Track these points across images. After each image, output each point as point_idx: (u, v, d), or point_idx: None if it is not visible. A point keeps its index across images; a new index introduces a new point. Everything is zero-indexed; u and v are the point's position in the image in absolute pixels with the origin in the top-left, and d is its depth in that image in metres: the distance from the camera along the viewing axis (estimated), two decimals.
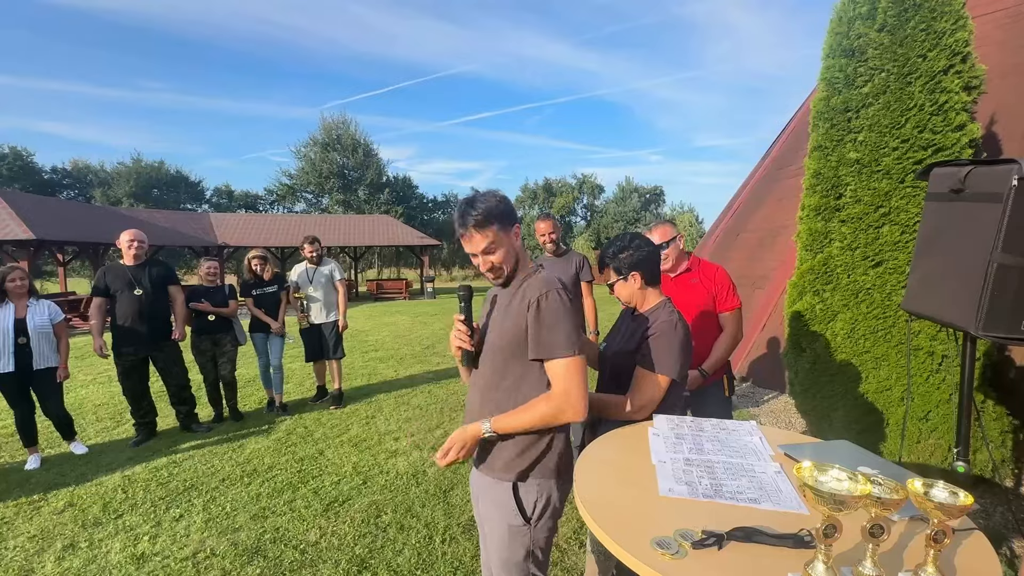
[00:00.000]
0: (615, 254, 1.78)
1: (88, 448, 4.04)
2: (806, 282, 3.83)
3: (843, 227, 3.56)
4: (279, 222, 21.45)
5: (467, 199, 1.47)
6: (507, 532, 1.42)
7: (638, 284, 1.77)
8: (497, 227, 1.43)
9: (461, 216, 1.43)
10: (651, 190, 42.80)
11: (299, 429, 4.36)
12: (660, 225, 2.68)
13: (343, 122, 35.33)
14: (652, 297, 1.80)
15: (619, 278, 1.79)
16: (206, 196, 36.86)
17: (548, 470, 1.43)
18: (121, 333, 4.05)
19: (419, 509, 2.96)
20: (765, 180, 8.76)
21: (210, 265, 4.69)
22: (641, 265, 1.75)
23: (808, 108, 9.55)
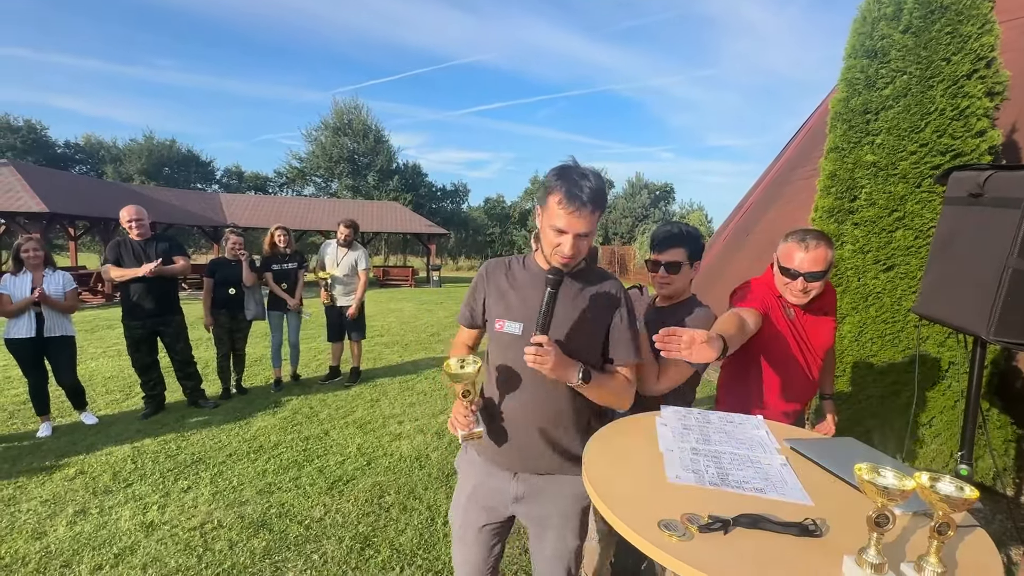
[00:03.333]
0: (688, 237, 1.73)
1: (98, 419, 4.11)
2: None
3: (856, 230, 3.54)
4: (289, 204, 21.53)
5: (585, 172, 1.26)
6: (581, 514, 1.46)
7: (696, 274, 1.78)
8: (600, 212, 1.29)
9: (587, 191, 1.22)
10: (661, 187, 42.52)
11: (305, 409, 4.42)
12: (819, 242, 1.74)
13: (355, 107, 35.26)
14: (688, 290, 1.82)
15: (687, 263, 1.74)
16: (216, 176, 36.99)
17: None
18: (129, 307, 4.11)
19: (422, 492, 3.01)
20: (777, 181, 8.69)
21: (236, 240, 4.74)
22: (701, 257, 1.77)
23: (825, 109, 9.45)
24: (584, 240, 1.28)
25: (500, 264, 1.50)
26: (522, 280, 1.44)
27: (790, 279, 1.76)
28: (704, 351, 1.28)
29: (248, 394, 4.87)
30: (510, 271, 1.47)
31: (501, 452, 1.42)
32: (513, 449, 1.40)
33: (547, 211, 1.29)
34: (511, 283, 1.44)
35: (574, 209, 1.23)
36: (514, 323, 1.37)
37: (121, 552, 2.36)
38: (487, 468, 1.46)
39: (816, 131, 8.98)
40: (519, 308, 1.38)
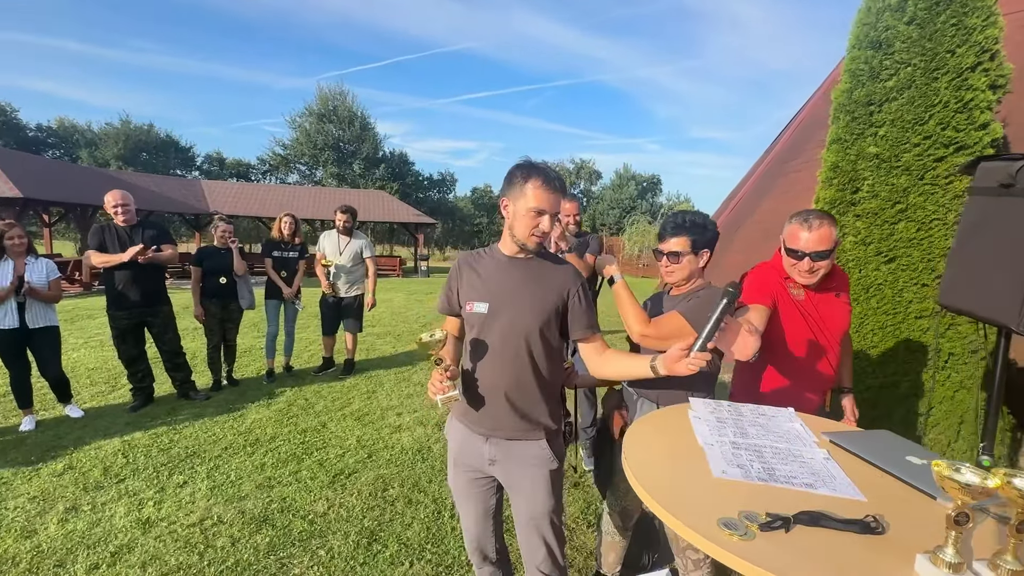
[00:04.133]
0: (694, 226, 1.74)
1: (84, 412, 3.97)
2: None
3: (858, 222, 3.56)
4: (273, 192, 21.08)
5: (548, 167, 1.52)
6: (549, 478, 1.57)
7: (704, 263, 1.75)
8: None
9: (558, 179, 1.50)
10: (648, 178, 42.70)
11: (300, 401, 4.33)
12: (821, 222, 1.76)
13: (340, 93, 34.55)
14: (699, 280, 1.80)
15: (691, 252, 1.74)
16: (196, 163, 36.01)
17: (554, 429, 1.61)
18: (115, 296, 3.95)
19: (426, 484, 2.96)
20: (769, 174, 8.74)
21: (226, 227, 4.59)
22: (711, 245, 1.74)
23: (816, 102, 9.52)
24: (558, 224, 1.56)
25: (470, 255, 1.69)
26: (489, 266, 1.61)
27: (796, 260, 1.78)
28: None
29: (239, 386, 4.76)
30: (479, 260, 1.65)
31: (475, 418, 1.59)
32: (485, 415, 1.57)
33: (523, 197, 1.47)
34: (479, 270, 1.61)
35: (552, 191, 1.47)
36: (481, 303, 1.55)
37: (118, 550, 2.27)
38: (465, 432, 1.63)
39: (807, 124, 9.04)
40: (484, 290, 1.57)
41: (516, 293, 1.53)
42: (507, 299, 1.53)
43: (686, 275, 1.78)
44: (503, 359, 1.53)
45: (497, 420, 1.56)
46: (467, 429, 1.63)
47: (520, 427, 1.56)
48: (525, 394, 1.54)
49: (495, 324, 1.52)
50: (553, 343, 1.56)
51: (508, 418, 1.55)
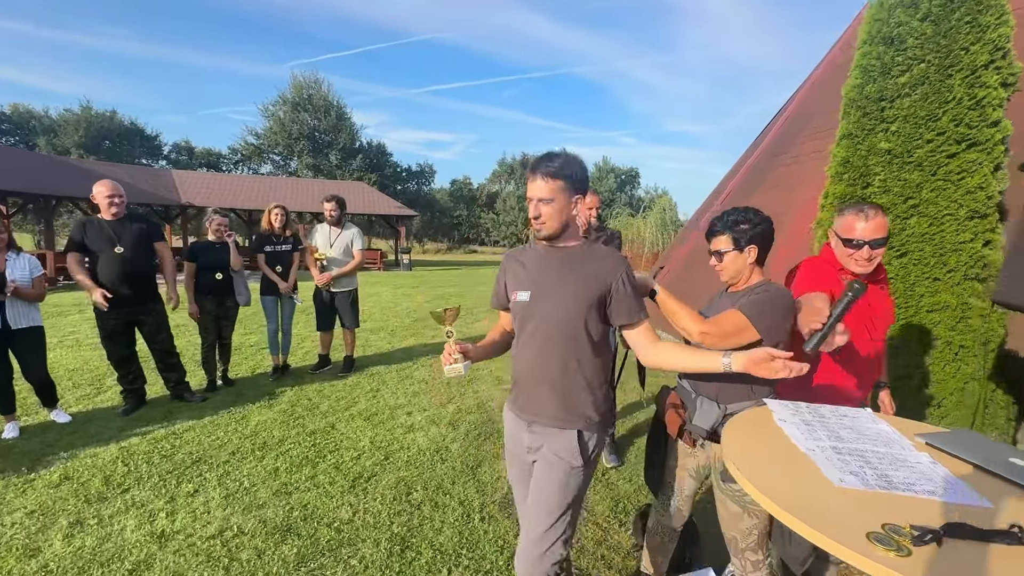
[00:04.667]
0: (736, 223, 1.71)
1: (71, 417, 3.74)
2: None
3: None
4: (248, 183, 20.40)
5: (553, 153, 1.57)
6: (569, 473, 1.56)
7: (751, 259, 1.71)
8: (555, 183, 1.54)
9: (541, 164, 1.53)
10: (627, 171, 43.03)
11: (303, 401, 4.18)
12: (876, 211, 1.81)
13: (315, 81, 33.67)
14: (756, 275, 1.75)
15: (734, 248, 1.71)
16: (164, 152, 34.59)
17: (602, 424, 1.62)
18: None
19: (449, 486, 2.88)
20: (758, 167, 8.86)
21: (221, 220, 4.38)
22: (759, 240, 1.69)
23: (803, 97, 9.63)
24: (547, 206, 1.51)
25: (515, 251, 1.77)
26: (531, 257, 1.66)
27: (855, 249, 1.82)
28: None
29: (235, 385, 4.57)
30: (524, 253, 1.71)
31: (521, 404, 1.65)
32: (529, 401, 1.62)
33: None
34: (524, 261, 1.68)
35: (529, 177, 1.55)
36: (524, 292, 1.60)
37: (135, 567, 2.13)
38: (513, 419, 1.70)
39: (795, 118, 9.18)
40: (527, 280, 1.62)
41: (557, 281, 1.56)
42: (548, 287, 1.57)
43: (734, 272, 1.76)
44: (544, 345, 1.57)
45: (539, 407, 1.60)
46: (514, 416, 1.69)
47: (559, 416, 1.57)
48: (566, 381, 1.56)
49: (537, 311, 1.57)
50: (594, 331, 1.55)
51: (549, 405, 1.58)
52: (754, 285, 1.74)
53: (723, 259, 1.76)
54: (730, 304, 1.75)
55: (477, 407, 4.13)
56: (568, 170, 1.53)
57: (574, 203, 1.56)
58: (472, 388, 4.62)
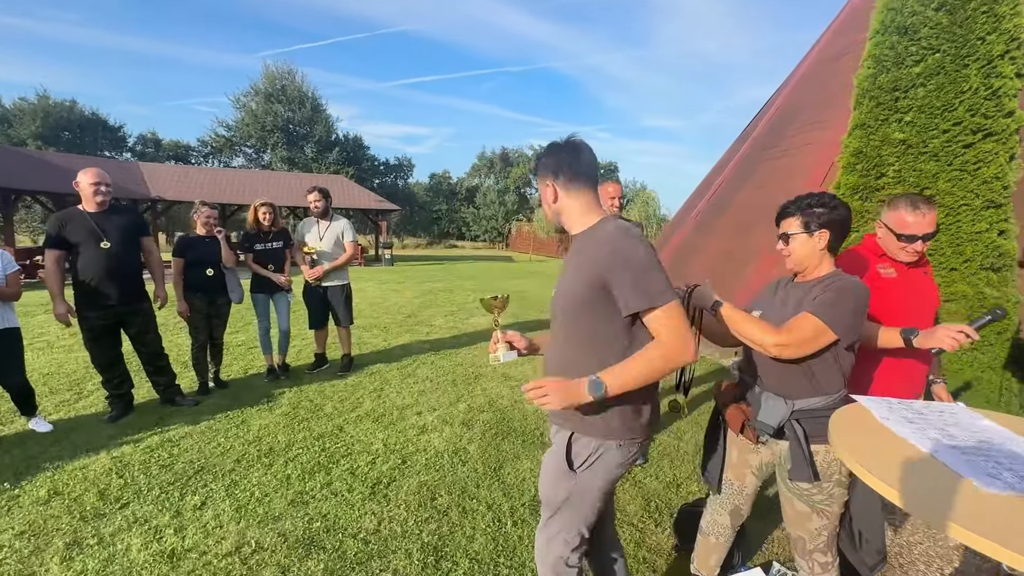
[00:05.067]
0: (809, 205, 1.61)
1: (52, 425, 3.46)
2: None
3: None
4: (222, 177, 19.63)
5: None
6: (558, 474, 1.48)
7: (822, 245, 1.61)
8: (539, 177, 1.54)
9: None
10: (605, 165, 43.17)
11: (305, 403, 3.97)
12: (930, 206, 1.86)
13: (288, 72, 32.68)
14: (826, 265, 1.66)
15: (803, 232, 1.62)
16: (129, 143, 33.06)
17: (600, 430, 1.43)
18: (85, 293, 3.43)
19: (474, 490, 2.75)
20: (748, 161, 8.92)
21: (210, 212, 4.11)
22: (833, 226, 1.60)
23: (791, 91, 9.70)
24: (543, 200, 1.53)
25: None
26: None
27: (907, 242, 1.87)
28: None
29: (229, 387, 4.33)
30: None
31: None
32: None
33: None
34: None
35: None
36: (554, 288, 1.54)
37: None
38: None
39: (784, 111, 9.26)
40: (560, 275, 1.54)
41: (565, 272, 1.50)
42: (561, 279, 1.51)
43: (801, 258, 1.67)
44: (554, 338, 1.54)
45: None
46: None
47: (555, 413, 1.50)
48: (565, 377, 1.38)
49: (552, 304, 1.53)
50: (592, 322, 1.38)
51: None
52: (824, 276, 1.66)
53: (790, 242, 1.67)
54: (799, 297, 1.66)
55: (488, 405, 4.00)
56: (540, 158, 1.50)
57: (548, 187, 1.48)
58: (480, 386, 4.49)
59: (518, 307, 8.99)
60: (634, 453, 1.46)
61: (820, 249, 1.64)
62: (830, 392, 1.59)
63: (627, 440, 1.43)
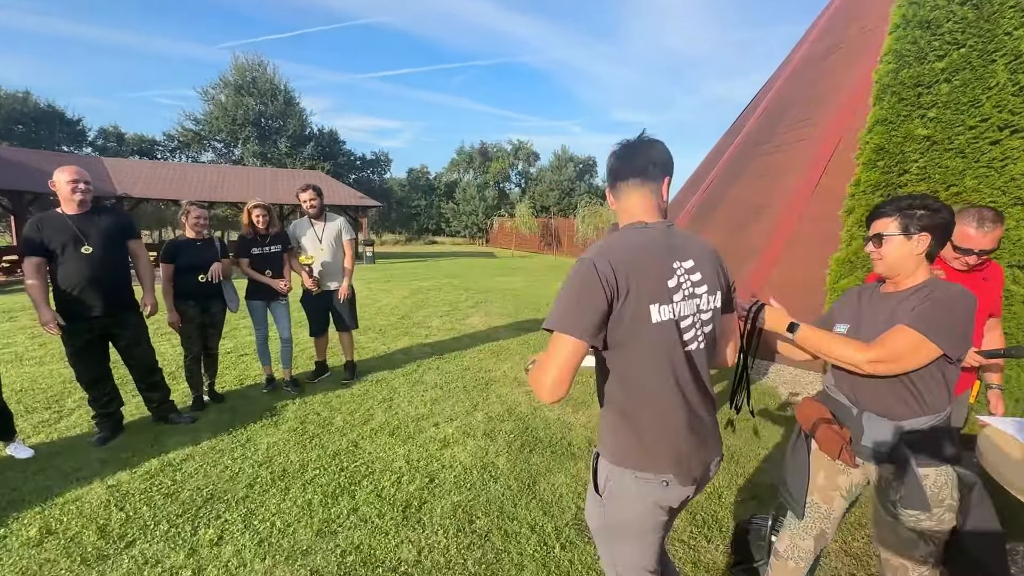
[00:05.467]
0: (909, 207, 1.49)
1: (32, 450, 3.15)
2: (859, 259, 3.84)
3: None
4: (193, 172, 18.80)
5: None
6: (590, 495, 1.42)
7: (920, 249, 1.49)
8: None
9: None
10: (585, 160, 43.23)
11: (312, 416, 3.73)
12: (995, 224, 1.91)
13: (259, 64, 31.51)
14: (923, 272, 1.54)
15: (901, 234, 1.50)
16: (89, 138, 31.42)
17: (608, 451, 1.33)
18: (68, 304, 3.12)
19: (512, 509, 2.59)
20: (740, 156, 8.93)
21: (200, 213, 3.80)
22: (935, 230, 1.47)
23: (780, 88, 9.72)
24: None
25: None
26: None
27: (963, 255, 1.96)
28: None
29: (225, 401, 4.05)
30: None
31: None
32: None
33: None
34: None
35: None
36: None
37: None
38: None
39: (774, 108, 9.29)
40: None
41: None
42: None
43: (893, 262, 1.54)
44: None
45: None
46: None
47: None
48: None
49: None
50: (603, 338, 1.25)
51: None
52: (920, 285, 1.54)
53: (883, 244, 1.54)
54: (891, 307, 1.55)
55: (508, 413, 3.83)
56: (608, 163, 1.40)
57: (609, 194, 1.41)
58: (493, 392, 4.31)
59: (512, 306, 8.83)
60: (659, 494, 1.28)
61: (917, 254, 1.53)
62: (937, 410, 1.48)
63: (642, 472, 1.27)
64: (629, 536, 1.35)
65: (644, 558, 1.37)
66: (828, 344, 1.54)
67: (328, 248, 4.25)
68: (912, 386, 1.48)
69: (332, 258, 4.29)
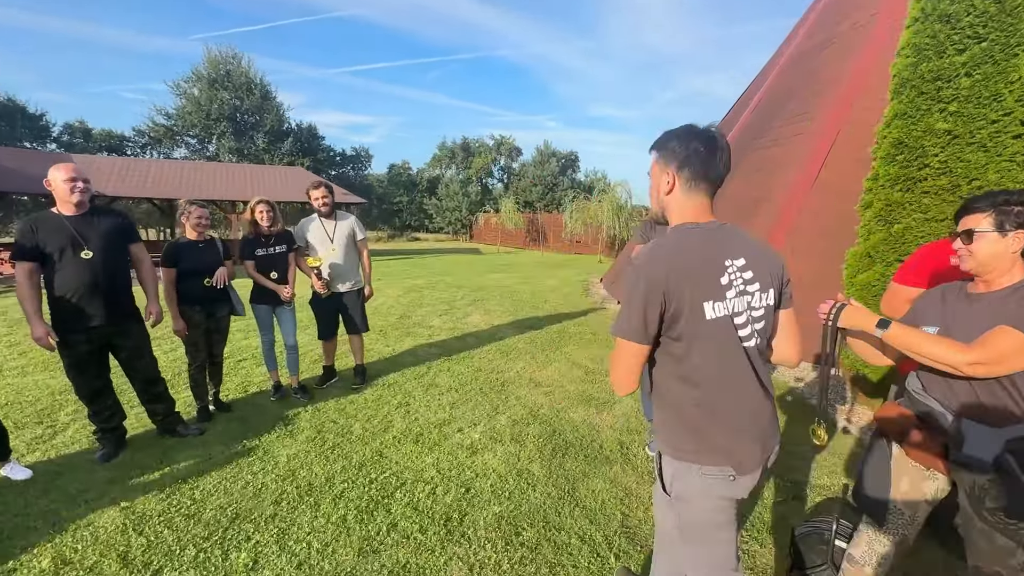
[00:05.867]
0: (1005, 203, 1.44)
1: (30, 471, 2.93)
2: (878, 253, 3.85)
3: (925, 198, 3.58)
4: (168, 169, 18.10)
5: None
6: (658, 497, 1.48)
7: (1017, 247, 1.45)
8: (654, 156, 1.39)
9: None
10: (567, 155, 43.23)
11: (329, 425, 3.57)
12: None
13: (233, 56, 30.55)
14: (1019, 271, 1.50)
15: (995, 231, 1.45)
16: (52, 133, 30.01)
17: (671, 448, 1.38)
18: (66, 313, 2.90)
19: (556, 519, 2.50)
20: (736, 151, 8.96)
21: (202, 212, 3.59)
22: None
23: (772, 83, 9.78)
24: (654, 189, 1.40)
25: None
26: None
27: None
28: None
29: (232, 410, 3.86)
30: None
31: None
32: None
33: None
34: None
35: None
36: None
37: None
38: None
39: (766, 103, 9.34)
40: None
41: None
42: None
43: (984, 260, 1.50)
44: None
45: None
46: None
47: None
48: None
49: None
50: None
51: None
52: (1019, 283, 1.50)
53: (974, 241, 1.50)
54: (990, 307, 1.50)
55: (531, 416, 3.74)
56: (669, 139, 1.33)
57: (668, 175, 1.33)
58: (511, 394, 4.21)
59: (510, 303, 8.72)
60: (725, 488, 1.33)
61: (1013, 252, 1.48)
62: None
63: (707, 467, 1.32)
64: (707, 536, 1.38)
65: (722, 557, 1.39)
66: (922, 343, 1.48)
67: (340, 248, 4.09)
68: (1015, 390, 1.43)
69: (343, 259, 4.12)
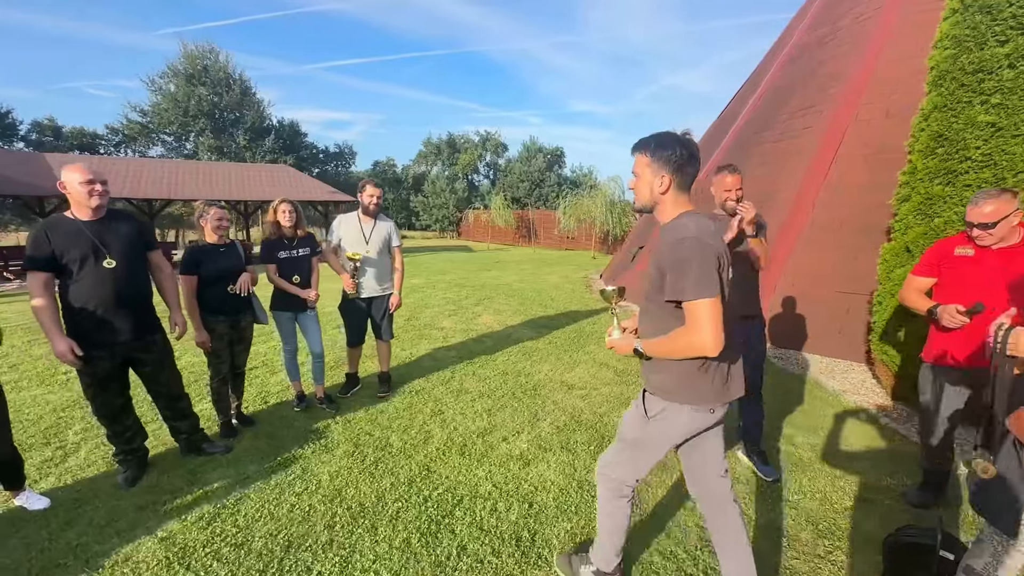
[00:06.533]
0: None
1: (48, 499, 2.69)
2: (917, 247, 3.81)
3: (967, 191, 3.54)
4: (148, 169, 17.42)
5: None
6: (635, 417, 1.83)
7: None
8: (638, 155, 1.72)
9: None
10: (553, 151, 43.16)
11: (364, 437, 3.39)
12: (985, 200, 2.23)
13: (210, 51, 29.67)
14: None
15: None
16: (19, 131, 28.76)
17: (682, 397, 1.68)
18: (87, 328, 2.63)
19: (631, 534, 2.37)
20: (741, 143, 8.95)
21: (221, 213, 3.35)
22: None
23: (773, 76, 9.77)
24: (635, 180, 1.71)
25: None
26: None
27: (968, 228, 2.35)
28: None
29: (256, 424, 3.64)
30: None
31: None
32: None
33: None
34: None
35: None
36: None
37: None
38: None
39: (769, 96, 9.34)
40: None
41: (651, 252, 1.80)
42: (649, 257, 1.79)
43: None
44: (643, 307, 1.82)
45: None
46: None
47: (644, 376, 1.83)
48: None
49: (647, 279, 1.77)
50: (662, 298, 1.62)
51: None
52: None
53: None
54: None
55: (574, 423, 3.61)
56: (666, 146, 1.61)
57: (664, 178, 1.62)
58: (548, 398, 4.08)
59: (517, 302, 8.58)
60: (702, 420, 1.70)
61: None
62: None
63: (696, 405, 1.67)
64: (657, 450, 1.78)
65: (650, 467, 1.84)
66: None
67: (374, 251, 3.90)
68: None
69: (376, 262, 3.94)
